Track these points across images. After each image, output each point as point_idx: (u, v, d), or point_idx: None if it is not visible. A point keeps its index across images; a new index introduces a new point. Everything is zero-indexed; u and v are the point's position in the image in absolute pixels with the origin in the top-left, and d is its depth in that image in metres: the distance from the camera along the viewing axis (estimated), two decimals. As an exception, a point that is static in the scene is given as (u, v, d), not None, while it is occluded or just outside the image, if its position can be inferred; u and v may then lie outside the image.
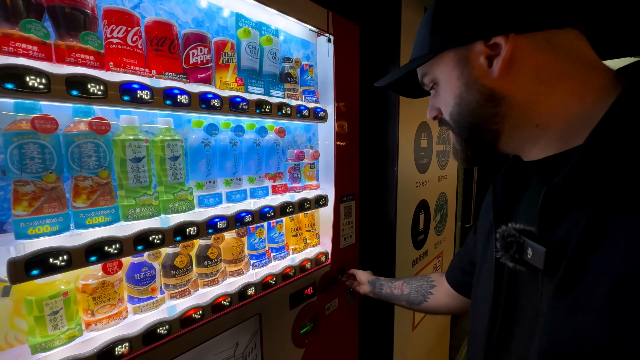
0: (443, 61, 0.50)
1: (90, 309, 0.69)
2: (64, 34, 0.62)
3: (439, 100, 0.54)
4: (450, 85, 0.50)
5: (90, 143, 0.66)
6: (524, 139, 0.47)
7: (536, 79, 0.43)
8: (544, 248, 0.40)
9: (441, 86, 0.52)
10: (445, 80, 0.50)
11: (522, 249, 0.44)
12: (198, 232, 0.82)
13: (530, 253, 0.42)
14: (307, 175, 1.21)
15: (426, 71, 0.53)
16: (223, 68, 0.90)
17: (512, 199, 0.53)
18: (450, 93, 0.50)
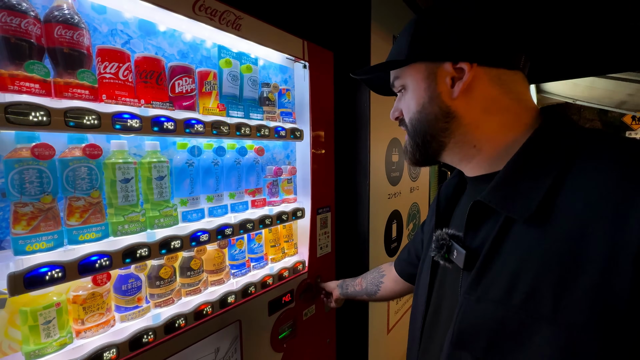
0: (415, 70, 0.54)
1: (81, 318, 0.75)
2: (62, 71, 0.70)
3: (404, 104, 0.58)
4: (417, 94, 0.54)
5: (83, 167, 0.74)
6: (462, 155, 0.55)
7: (482, 107, 0.51)
8: (464, 251, 0.50)
9: (408, 92, 0.56)
10: (414, 88, 0.55)
11: (450, 250, 0.53)
12: (182, 245, 0.90)
13: (456, 254, 0.51)
14: (285, 189, 1.31)
15: (398, 75, 0.58)
16: (206, 95, 1.00)
17: (450, 206, 0.64)
18: (415, 101, 0.55)
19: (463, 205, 0.59)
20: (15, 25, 0.63)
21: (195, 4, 0.89)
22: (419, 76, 0.54)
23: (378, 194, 1.61)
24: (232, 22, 0.99)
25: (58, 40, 0.69)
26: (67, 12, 0.70)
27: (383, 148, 1.66)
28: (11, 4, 0.62)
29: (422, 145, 0.56)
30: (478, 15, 0.48)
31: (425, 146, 0.56)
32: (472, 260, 0.48)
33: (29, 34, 0.65)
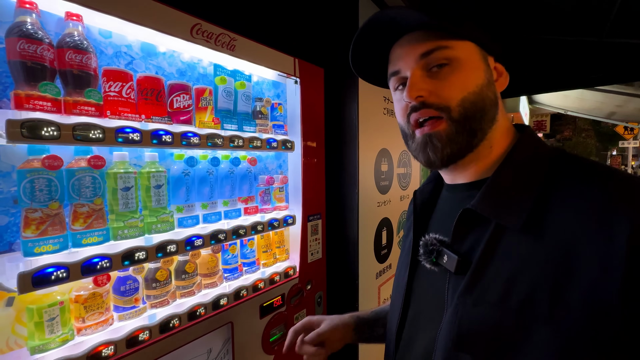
0: (471, 48, 0.50)
1: (82, 316, 0.81)
2: (71, 91, 0.78)
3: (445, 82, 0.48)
4: (475, 73, 0.49)
5: (88, 176, 0.81)
6: (479, 155, 0.51)
7: (502, 108, 0.52)
8: (456, 256, 0.49)
9: (461, 69, 0.48)
10: (472, 66, 0.49)
11: (440, 255, 0.52)
12: (177, 249, 0.96)
13: (446, 259, 0.51)
14: (277, 197, 1.38)
15: (448, 45, 0.48)
16: (202, 110, 1.08)
17: (426, 212, 0.63)
18: (473, 80, 0.49)
19: (445, 211, 0.59)
20: (32, 51, 0.71)
21: (192, 28, 0.98)
22: (477, 56, 0.50)
23: (367, 202, 1.68)
24: (226, 43, 1.08)
25: (69, 63, 0.77)
26: (77, 38, 0.78)
27: (372, 158, 1.74)
28: (29, 33, 0.71)
29: (469, 134, 0.49)
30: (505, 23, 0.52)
31: (472, 135, 0.49)
32: (464, 265, 0.48)
33: (44, 58, 0.73)
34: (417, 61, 0.49)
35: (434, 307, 0.52)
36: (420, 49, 0.49)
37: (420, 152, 0.51)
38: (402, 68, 0.52)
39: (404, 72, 0.51)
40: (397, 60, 0.52)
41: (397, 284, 0.65)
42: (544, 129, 12.27)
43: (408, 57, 0.50)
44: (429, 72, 0.49)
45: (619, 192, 0.39)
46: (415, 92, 0.49)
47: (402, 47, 0.51)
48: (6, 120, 0.66)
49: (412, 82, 0.49)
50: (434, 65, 0.49)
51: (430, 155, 0.50)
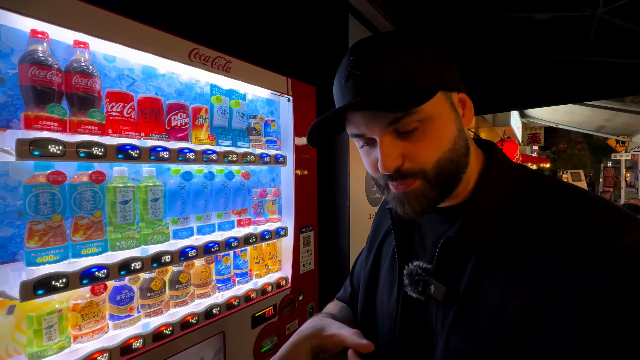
0: (440, 100, 0.46)
1: (78, 324, 0.85)
2: (76, 111, 0.85)
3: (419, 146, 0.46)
4: (447, 128, 0.47)
5: (89, 190, 0.87)
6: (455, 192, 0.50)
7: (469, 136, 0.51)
8: (444, 287, 0.47)
9: (432, 129, 0.46)
10: (442, 122, 0.46)
11: (427, 284, 0.50)
12: (172, 260, 1.01)
13: (433, 289, 0.49)
14: (270, 210, 1.43)
15: (417, 110, 0.44)
16: (198, 127, 1.14)
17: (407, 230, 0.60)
18: (445, 137, 0.46)
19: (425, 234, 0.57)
20: (42, 76, 0.77)
21: (190, 53, 1.06)
22: (445, 106, 0.47)
23: (358, 214, 1.74)
24: (222, 65, 1.16)
25: (75, 86, 0.84)
26: (83, 64, 0.85)
27: (363, 171, 1.80)
28: (40, 60, 0.77)
29: (444, 189, 0.48)
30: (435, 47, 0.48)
31: (447, 189, 0.48)
32: (451, 295, 0.47)
33: (52, 82, 0.79)
34: (384, 128, 0.45)
35: (424, 336, 0.51)
36: (387, 119, 0.45)
37: (397, 206, 0.51)
38: (368, 133, 0.48)
39: (370, 135, 0.48)
40: (359, 125, 0.48)
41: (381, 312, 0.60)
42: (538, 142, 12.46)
43: (372, 124, 0.46)
44: (398, 135, 0.46)
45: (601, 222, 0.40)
46: (391, 164, 0.46)
47: (364, 114, 0.47)
48: (16, 140, 0.72)
49: (385, 152, 0.46)
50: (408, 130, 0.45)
51: (406, 210, 0.49)
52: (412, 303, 0.54)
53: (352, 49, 0.48)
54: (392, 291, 0.58)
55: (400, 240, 0.59)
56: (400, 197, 0.49)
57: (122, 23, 0.89)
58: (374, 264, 0.66)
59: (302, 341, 0.54)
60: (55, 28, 0.79)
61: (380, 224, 0.70)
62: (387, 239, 0.65)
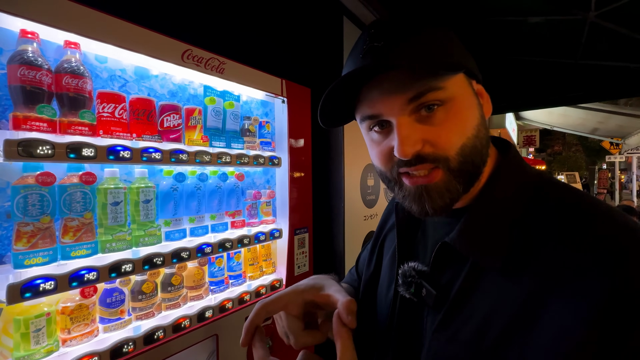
0: (463, 83, 0.43)
1: (67, 327, 0.84)
2: (67, 112, 0.84)
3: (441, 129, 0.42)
4: (472, 112, 0.43)
5: (79, 192, 0.86)
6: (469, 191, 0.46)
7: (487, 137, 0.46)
8: (435, 292, 0.46)
9: (457, 111, 0.42)
10: (467, 105, 0.43)
11: (419, 287, 0.49)
12: (164, 262, 1.00)
13: (425, 292, 0.48)
14: (264, 212, 1.42)
15: (440, 85, 0.41)
16: (192, 128, 1.14)
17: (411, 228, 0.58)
18: (470, 122, 0.43)
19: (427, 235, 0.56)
20: (31, 76, 0.77)
21: (183, 54, 1.05)
22: (468, 89, 0.44)
23: (353, 216, 1.74)
24: (216, 66, 1.16)
25: (65, 87, 0.83)
26: (74, 64, 0.85)
27: (358, 173, 1.80)
28: (29, 60, 0.77)
29: (467, 181, 0.44)
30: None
31: (470, 182, 0.44)
32: (442, 300, 0.46)
33: (42, 83, 0.79)
34: (404, 107, 0.41)
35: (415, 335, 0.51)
36: (408, 94, 0.40)
37: (414, 203, 0.45)
38: (384, 113, 0.43)
39: (386, 117, 0.43)
40: (375, 103, 0.43)
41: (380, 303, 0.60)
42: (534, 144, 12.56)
43: (391, 101, 0.42)
44: (417, 116, 0.42)
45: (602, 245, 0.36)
46: (411, 148, 0.41)
47: (381, 89, 0.42)
48: (4, 140, 0.71)
49: (404, 134, 0.41)
50: (423, 107, 0.41)
51: (426, 207, 0.44)
52: (408, 302, 0.53)
53: (372, 24, 0.44)
54: (390, 288, 0.57)
55: (402, 238, 0.57)
56: (419, 192, 0.44)
57: (113, 23, 0.88)
58: (377, 256, 0.65)
59: (296, 293, 0.52)
60: (45, 28, 0.79)
61: (388, 216, 0.68)
62: (390, 234, 0.65)
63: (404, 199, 0.47)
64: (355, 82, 0.43)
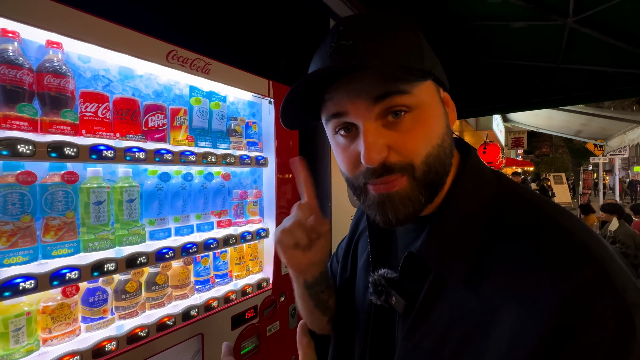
0: (428, 90, 0.43)
1: (48, 327, 0.84)
2: (48, 111, 0.84)
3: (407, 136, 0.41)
4: (438, 121, 0.43)
5: (61, 191, 0.86)
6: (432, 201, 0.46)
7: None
8: (404, 301, 0.47)
9: (423, 118, 0.41)
10: (434, 113, 0.42)
11: (389, 295, 0.50)
12: (147, 261, 1.00)
13: (394, 300, 0.49)
14: (251, 211, 1.43)
15: (408, 90, 0.40)
16: (177, 128, 1.15)
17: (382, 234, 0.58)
18: (436, 130, 0.42)
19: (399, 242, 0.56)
20: (11, 75, 0.77)
21: (168, 54, 1.06)
22: (436, 98, 0.44)
23: (340, 216, 1.76)
24: (201, 67, 1.17)
25: (47, 86, 0.83)
26: (56, 64, 0.85)
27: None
28: (10, 59, 0.77)
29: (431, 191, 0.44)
30: None
31: (434, 191, 0.44)
32: (410, 308, 0.47)
33: (23, 82, 0.79)
34: (370, 107, 0.40)
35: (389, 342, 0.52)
36: (375, 92, 0.40)
37: (377, 212, 0.44)
38: (350, 112, 0.42)
39: (352, 118, 0.42)
40: (341, 101, 0.42)
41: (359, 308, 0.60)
42: (521, 145, 12.84)
43: (357, 101, 0.41)
44: (384, 121, 0.41)
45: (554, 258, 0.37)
46: (378, 155, 0.40)
47: (347, 89, 0.41)
48: (-17, 139, 0.71)
49: (370, 141, 0.40)
50: (389, 112, 0.41)
51: (389, 216, 0.43)
52: (381, 308, 0.54)
53: (340, 21, 0.42)
54: (366, 293, 0.57)
55: (374, 243, 0.57)
56: (382, 200, 0.43)
57: (96, 24, 0.89)
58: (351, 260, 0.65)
59: None
60: (27, 27, 0.79)
61: (360, 219, 0.68)
62: (363, 237, 0.64)
63: (369, 208, 0.45)
64: (321, 81, 0.42)
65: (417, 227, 0.50)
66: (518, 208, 0.43)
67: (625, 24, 1.89)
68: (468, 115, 3.14)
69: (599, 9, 1.77)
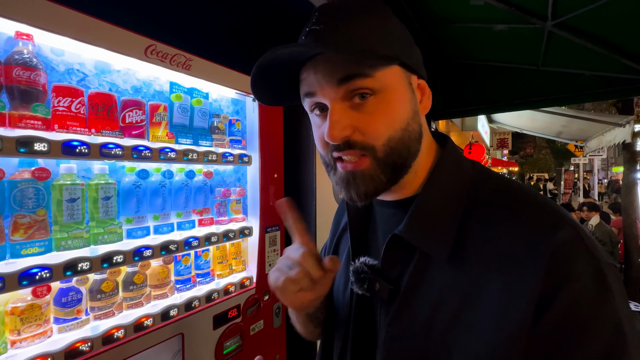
0: (396, 75, 0.44)
1: (17, 329, 0.81)
2: (17, 105, 0.81)
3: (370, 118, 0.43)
4: (402, 106, 0.44)
5: (31, 188, 0.83)
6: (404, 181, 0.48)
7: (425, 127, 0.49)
8: (390, 286, 0.47)
9: (386, 102, 0.43)
10: (398, 97, 0.44)
11: (372, 282, 0.50)
12: (124, 260, 0.98)
13: (378, 287, 0.49)
14: (234, 209, 1.42)
15: (371, 74, 0.42)
16: (156, 125, 1.12)
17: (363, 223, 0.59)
18: (399, 114, 0.44)
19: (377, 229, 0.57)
20: (-23, 67, 0.74)
21: (147, 49, 1.04)
22: (403, 83, 0.45)
23: (325, 214, 1.76)
24: (182, 63, 1.15)
25: (16, 79, 0.80)
26: (26, 56, 0.82)
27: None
28: (-25, 50, 0.74)
29: (392, 172, 0.45)
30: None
31: (396, 173, 0.46)
32: (394, 294, 0.47)
33: (-11, 74, 0.76)
34: (336, 88, 0.43)
35: (370, 333, 0.52)
36: (338, 74, 0.42)
37: (343, 188, 0.47)
38: (318, 92, 0.45)
39: (321, 98, 0.45)
40: (311, 82, 0.45)
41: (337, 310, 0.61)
42: (506, 146, 13.15)
43: (324, 80, 0.43)
44: (351, 103, 0.43)
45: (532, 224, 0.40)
46: (339, 133, 0.43)
47: (316, 68, 0.44)
48: (-55, 133, 0.68)
49: (334, 119, 0.43)
50: (356, 94, 0.43)
51: (352, 194, 0.46)
52: (362, 298, 0.54)
53: (318, 7, 0.46)
54: (347, 287, 0.57)
55: (355, 235, 0.58)
56: (347, 178, 0.45)
57: (69, 15, 0.86)
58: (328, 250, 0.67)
59: None
60: (-6, 18, 0.76)
61: (341, 217, 0.69)
62: (344, 235, 0.64)
63: (337, 183, 0.48)
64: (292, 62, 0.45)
65: (398, 211, 0.51)
66: (493, 186, 0.46)
67: (600, 29, 1.97)
68: (453, 115, 3.20)
69: (575, 13, 1.83)
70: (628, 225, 3.73)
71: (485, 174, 0.49)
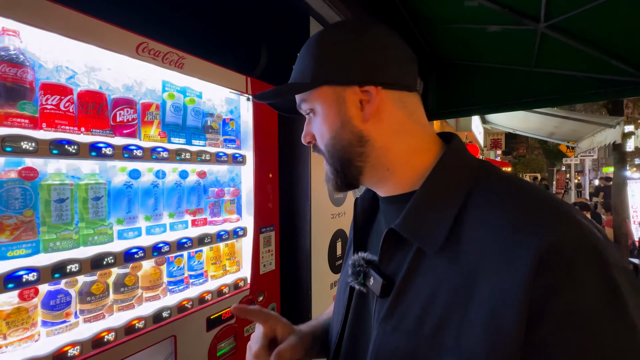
0: (323, 94, 0.52)
1: (3, 332, 0.78)
2: (3, 103, 0.79)
3: (315, 128, 0.55)
4: (329, 119, 0.52)
5: (18, 188, 0.81)
6: (378, 177, 0.54)
7: (391, 129, 0.52)
8: (381, 279, 0.48)
9: (319, 117, 0.54)
10: (325, 114, 0.53)
11: (367, 276, 0.51)
12: (115, 262, 0.96)
13: (372, 281, 0.50)
14: (228, 210, 1.41)
15: (305, 98, 0.54)
16: (148, 124, 1.11)
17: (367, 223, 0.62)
18: (327, 127, 0.53)
19: (379, 227, 0.59)
20: (-40, 63, 0.72)
21: (138, 47, 1.02)
22: (329, 100, 0.52)
23: (320, 214, 1.75)
24: (175, 61, 1.13)
25: (2, 76, 0.78)
26: (12, 52, 0.80)
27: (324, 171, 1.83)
28: (-42, 46, 0.72)
29: (341, 171, 0.54)
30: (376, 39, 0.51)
31: (344, 171, 0.54)
32: (388, 288, 0.48)
33: (-26, 71, 0.74)
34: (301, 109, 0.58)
35: (365, 330, 0.52)
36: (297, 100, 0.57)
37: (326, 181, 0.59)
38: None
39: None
40: None
41: (337, 306, 0.63)
42: (499, 147, 13.29)
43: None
44: (308, 118, 0.57)
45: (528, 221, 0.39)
46: (304, 139, 0.58)
47: None
48: None
49: (304, 129, 0.58)
50: (307, 113, 0.57)
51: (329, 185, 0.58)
52: (359, 294, 0.55)
53: None
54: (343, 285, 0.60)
55: (357, 230, 0.62)
56: (325, 173, 0.58)
57: (57, 11, 0.84)
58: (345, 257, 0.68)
59: None
60: (-22, 13, 0.74)
61: None
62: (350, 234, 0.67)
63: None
64: None
65: (400, 206, 0.51)
66: (495, 181, 0.47)
67: (592, 31, 1.99)
68: (447, 116, 3.22)
69: (567, 15, 1.85)
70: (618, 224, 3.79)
71: (491, 170, 0.49)
